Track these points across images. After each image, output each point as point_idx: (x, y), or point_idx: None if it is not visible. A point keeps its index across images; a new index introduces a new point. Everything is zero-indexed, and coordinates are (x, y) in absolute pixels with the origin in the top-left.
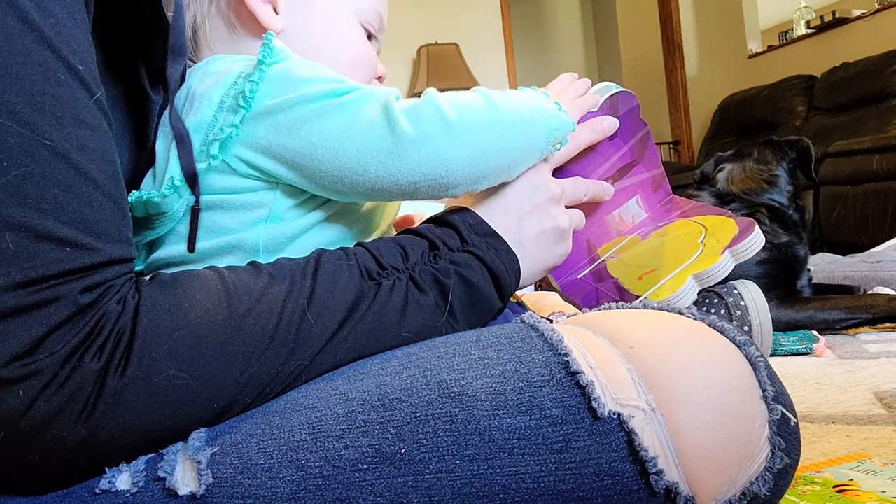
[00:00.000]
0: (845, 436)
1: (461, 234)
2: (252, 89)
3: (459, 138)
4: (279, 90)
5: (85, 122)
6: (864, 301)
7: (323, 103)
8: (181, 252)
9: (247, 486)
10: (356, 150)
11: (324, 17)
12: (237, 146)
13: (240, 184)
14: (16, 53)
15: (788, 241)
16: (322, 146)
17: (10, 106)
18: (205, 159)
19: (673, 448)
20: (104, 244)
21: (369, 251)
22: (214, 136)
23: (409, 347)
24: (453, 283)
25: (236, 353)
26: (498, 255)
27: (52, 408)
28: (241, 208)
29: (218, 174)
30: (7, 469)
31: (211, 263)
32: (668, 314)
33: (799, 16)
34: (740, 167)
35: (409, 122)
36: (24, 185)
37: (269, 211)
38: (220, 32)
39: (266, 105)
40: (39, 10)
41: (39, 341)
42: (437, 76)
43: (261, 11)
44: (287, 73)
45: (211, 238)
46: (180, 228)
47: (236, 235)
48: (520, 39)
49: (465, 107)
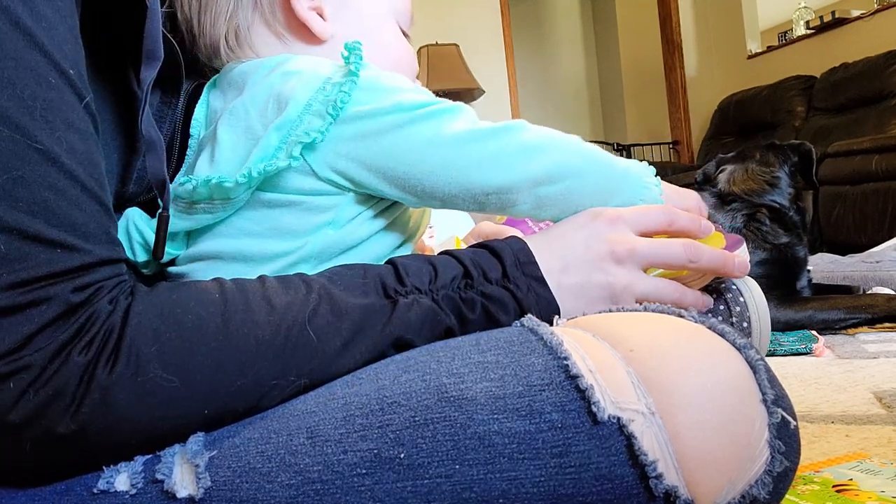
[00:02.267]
0: (844, 435)
1: (505, 268)
2: (343, 99)
3: (533, 159)
4: (368, 98)
5: (74, 125)
6: (863, 301)
7: (412, 113)
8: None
9: (245, 489)
10: (440, 158)
11: (367, 20)
12: (321, 149)
13: (315, 186)
14: (7, 58)
15: (788, 242)
16: (410, 151)
17: (2, 110)
18: (285, 158)
19: (672, 452)
20: (93, 245)
21: (395, 267)
22: (298, 137)
23: (408, 352)
24: (476, 316)
25: (227, 362)
26: (538, 300)
27: (41, 400)
28: (309, 210)
29: (296, 174)
30: (3, 458)
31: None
32: (668, 317)
33: (798, 16)
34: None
35: (491, 138)
36: (15, 188)
37: (334, 216)
38: (267, 39)
39: (355, 111)
40: (31, 15)
41: (29, 338)
42: (437, 76)
43: (311, 19)
44: (376, 81)
45: (273, 238)
46: (238, 221)
47: (298, 240)
48: (520, 39)
49: (550, 137)
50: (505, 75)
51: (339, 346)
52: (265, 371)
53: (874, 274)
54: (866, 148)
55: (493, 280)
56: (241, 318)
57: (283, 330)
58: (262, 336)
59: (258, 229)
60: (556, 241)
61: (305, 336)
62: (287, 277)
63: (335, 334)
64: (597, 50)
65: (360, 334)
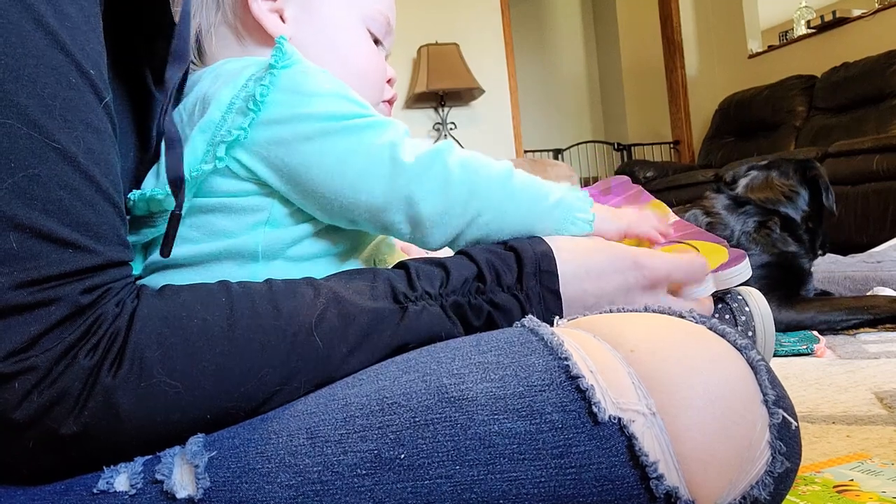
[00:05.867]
0: (846, 436)
1: (522, 274)
2: (263, 93)
3: (453, 192)
4: (288, 100)
5: (92, 125)
6: (865, 302)
7: (329, 124)
8: (180, 253)
9: (244, 490)
10: (352, 176)
11: (330, 24)
12: (238, 149)
13: (239, 187)
14: (29, 56)
15: (795, 252)
16: (320, 166)
17: (21, 108)
18: (211, 161)
19: (673, 452)
20: (104, 247)
21: (407, 270)
22: (222, 137)
23: (408, 353)
24: (480, 323)
25: (231, 368)
26: (546, 314)
27: (45, 401)
28: (240, 212)
29: (220, 177)
30: (4, 456)
31: (209, 267)
32: (669, 317)
33: (799, 15)
34: (764, 175)
35: (411, 164)
36: (30, 186)
37: (269, 215)
38: (227, 41)
39: (273, 114)
40: (55, 13)
41: (36, 339)
42: (437, 76)
43: (267, 20)
44: (298, 83)
45: (211, 241)
46: (182, 230)
47: (235, 239)
48: (520, 39)
49: (474, 170)
50: (505, 75)
51: (344, 352)
52: (269, 377)
53: (875, 274)
54: (867, 148)
55: (505, 286)
56: (246, 323)
57: (289, 336)
58: (267, 342)
59: (197, 234)
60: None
61: (312, 342)
62: (294, 281)
63: (341, 340)
64: (597, 49)
65: (367, 340)
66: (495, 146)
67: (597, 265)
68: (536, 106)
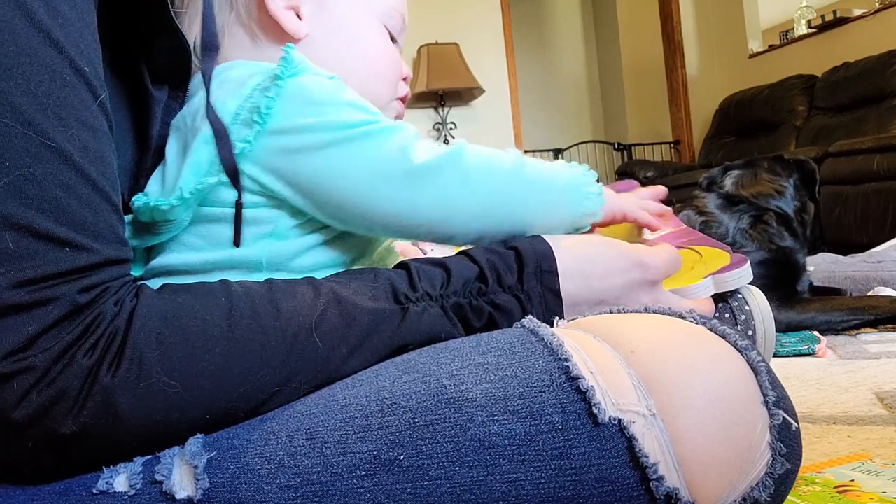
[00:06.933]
0: (846, 436)
1: (523, 274)
2: (268, 105)
3: (471, 190)
4: (296, 110)
5: (87, 123)
6: (865, 302)
7: (340, 133)
8: (183, 260)
9: (244, 491)
10: (367, 183)
11: (347, 21)
12: (246, 162)
13: (246, 199)
14: (22, 54)
15: (791, 247)
16: (333, 175)
17: (15, 106)
18: (216, 172)
19: (673, 453)
20: (101, 245)
21: (408, 270)
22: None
23: (408, 353)
24: (481, 325)
25: (231, 368)
26: (546, 313)
27: (44, 401)
28: (246, 223)
29: (226, 187)
30: (4, 456)
31: (212, 276)
32: (669, 318)
33: (800, 15)
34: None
35: (426, 164)
36: (25, 185)
37: (274, 227)
38: (241, 41)
39: (281, 124)
40: (48, 11)
41: (34, 338)
42: (437, 76)
43: (284, 18)
44: (306, 92)
45: (214, 250)
46: (184, 237)
47: (240, 250)
48: (520, 39)
49: (489, 162)
50: (505, 74)
51: (345, 353)
52: (269, 378)
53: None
54: (868, 148)
55: (506, 287)
56: (246, 323)
57: (289, 336)
58: (267, 342)
59: (201, 243)
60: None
61: (311, 343)
62: (294, 281)
63: (342, 341)
64: (597, 49)
65: (367, 341)
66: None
67: (599, 264)
68: (536, 106)
